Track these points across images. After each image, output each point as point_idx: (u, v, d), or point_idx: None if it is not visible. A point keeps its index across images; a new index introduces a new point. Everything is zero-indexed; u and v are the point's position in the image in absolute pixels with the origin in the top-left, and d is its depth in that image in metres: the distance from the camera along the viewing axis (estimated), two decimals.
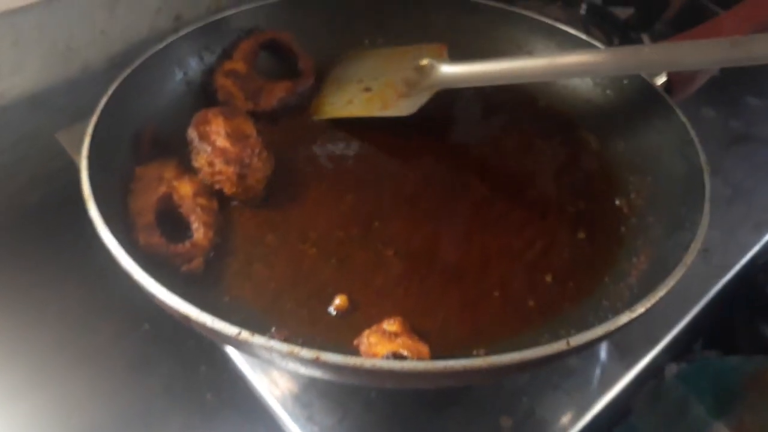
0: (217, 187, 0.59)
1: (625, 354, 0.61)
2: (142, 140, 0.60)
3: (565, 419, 0.56)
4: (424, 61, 0.71)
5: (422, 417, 0.56)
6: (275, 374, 0.57)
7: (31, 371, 0.59)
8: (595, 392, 0.59)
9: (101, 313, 0.62)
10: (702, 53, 0.60)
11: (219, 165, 0.58)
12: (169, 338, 0.60)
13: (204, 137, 0.59)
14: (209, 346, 0.59)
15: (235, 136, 0.59)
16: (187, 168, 0.59)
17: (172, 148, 0.61)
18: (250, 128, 0.61)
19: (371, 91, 0.72)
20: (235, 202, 0.61)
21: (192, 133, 0.60)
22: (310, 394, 0.56)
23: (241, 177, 0.58)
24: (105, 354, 0.60)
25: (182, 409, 0.58)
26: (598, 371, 0.60)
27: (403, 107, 0.68)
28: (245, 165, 0.58)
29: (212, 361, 0.60)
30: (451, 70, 0.69)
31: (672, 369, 0.74)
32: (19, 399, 0.57)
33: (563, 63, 0.65)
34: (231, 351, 0.58)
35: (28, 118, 0.68)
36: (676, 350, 0.71)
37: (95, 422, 0.57)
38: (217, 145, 0.58)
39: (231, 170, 0.58)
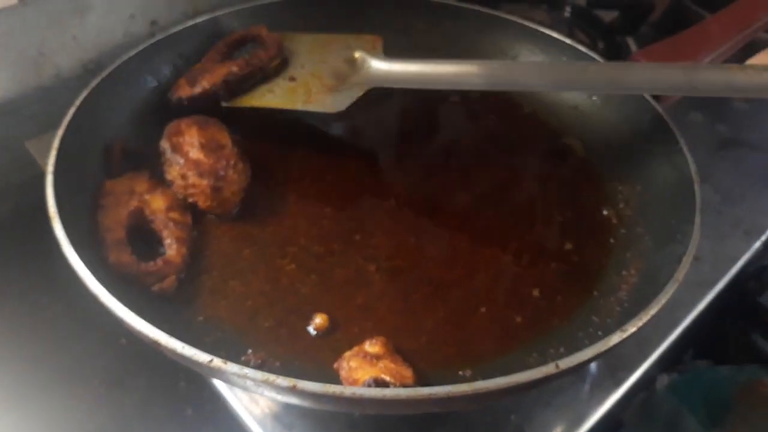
0: (190, 200, 0.57)
1: (616, 368, 0.60)
2: (112, 152, 0.59)
3: None
4: (357, 54, 0.67)
5: None
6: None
7: (6, 389, 0.57)
8: (586, 408, 0.57)
9: (77, 327, 0.61)
10: (649, 78, 0.59)
11: (192, 178, 0.56)
12: (146, 352, 0.58)
13: (177, 149, 0.57)
14: None
15: (209, 146, 0.58)
16: (159, 181, 0.58)
17: (144, 161, 0.59)
18: (225, 138, 0.59)
19: (295, 80, 0.67)
20: (209, 216, 0.59)
21: (164, 145, 0.58)
22: (291, 414, 0.54)
23: (216, 190, 0.57)
24: (81, 369, 0.59)
25: (162, 425, 0.57)
26: (587, 386, 0.59)
27: (330, 103, 0.64)
28: (220, 177, 0.57)
29: (192, 375, 0.57)
30: (384, 66, 0.66)
31: (663, 380, 0.73)
32: None
33: (503, 73, 0.63)
34: None
35: None
36: (667, 361, 0.69)
37: None
38: (190, 156, 0.57)
39: (205, 183, 0.56)
